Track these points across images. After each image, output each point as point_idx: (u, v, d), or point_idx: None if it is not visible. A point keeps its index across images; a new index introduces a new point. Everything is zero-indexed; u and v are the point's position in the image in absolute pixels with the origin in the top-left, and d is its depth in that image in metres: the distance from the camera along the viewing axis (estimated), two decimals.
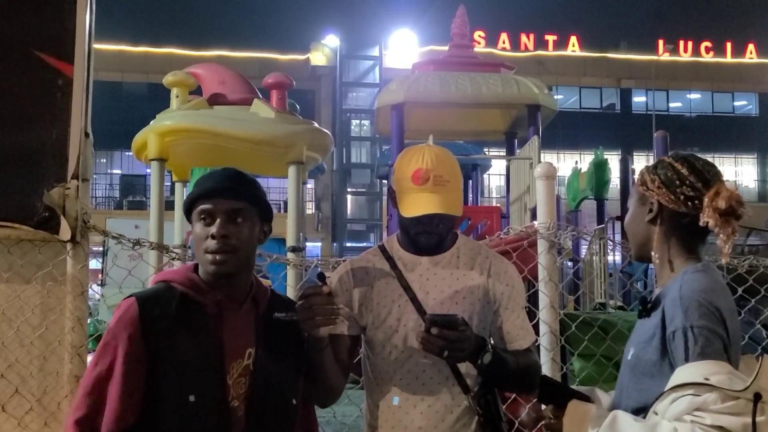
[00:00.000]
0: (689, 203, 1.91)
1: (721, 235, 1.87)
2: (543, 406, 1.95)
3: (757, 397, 1.62)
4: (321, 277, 2.06)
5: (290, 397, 2.10)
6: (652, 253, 2.00)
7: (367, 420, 2.32)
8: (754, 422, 1.61)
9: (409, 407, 2.20)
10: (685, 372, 1.71)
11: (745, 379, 1.65)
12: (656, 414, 1.72)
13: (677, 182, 1.93)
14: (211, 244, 1.98)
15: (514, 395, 3.33)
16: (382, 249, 2.35)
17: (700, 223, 1.88)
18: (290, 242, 5.71)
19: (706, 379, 1.65)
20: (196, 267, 2.07)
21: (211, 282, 2.02)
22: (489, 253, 2.37)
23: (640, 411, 1.83)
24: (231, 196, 2.02)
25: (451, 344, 2.01)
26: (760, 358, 1.68)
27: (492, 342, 2.24)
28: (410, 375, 2.21)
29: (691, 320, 1.78)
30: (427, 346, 2.02)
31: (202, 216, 2.00)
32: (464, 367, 2.19)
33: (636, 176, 2.07)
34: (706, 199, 1.88)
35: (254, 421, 2.00)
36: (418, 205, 2.15)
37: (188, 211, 2.05)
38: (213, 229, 1.98)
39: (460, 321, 2.03)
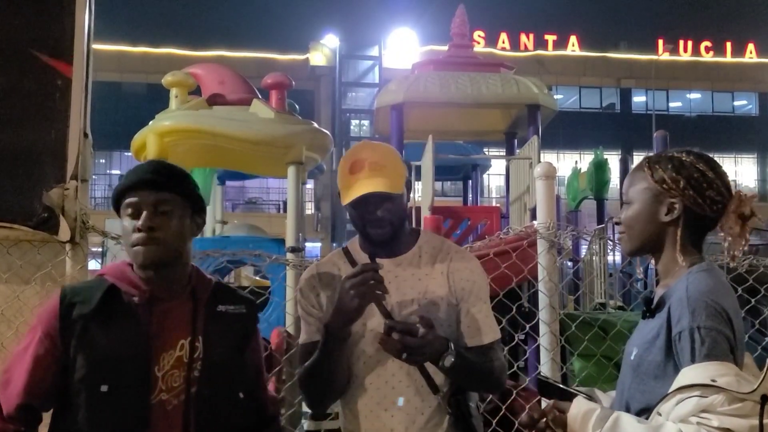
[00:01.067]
0: (714, 207, 1.91)
1: (737, 239, 1.89)
2: (544, 402, 1.93)
3: (764, 399, 1.61)
4: (373, 257, 2.10)
5: (237, 390, 2.07)
6: (660, 253, 1.97)
7: (342, 424, 2.32)
8: (761, 424, 1.60)
9: (380, 410, 2.20)
10: (692, 373, 1.70)
11: (751, 381, 1.64)
12: (660, 415, 1.71)
13: (704, 185, 1.91)
14: (137, 236, 1.97)
15: (513, 395, 3.33)
16: (346, 252, 2.34)
17: (722, 228, 1.90)
18: (290, 242, 5.70)
19: (713, 380, 1.64)
20: (128, 263, 2.08)
21: (140, 274, 2.01)
22: (451, 248, 2.34)
23: (644, 412, 1.82)
24: (157, 188, 2.00)
25: (411, 349, 2.00)
26: None
27: (452, 343, 2.15)
28: (380, 378, 2.21)
29: (698, 321, 1.76)
30: (386, 348, 2.03)
31: (129, 209, 2.00)
32: (433, 367, 2.15)
33: (642, 170, 2.00)
34: (732, 205, 1.89)
35: (194, 414, 1.97)
36: (353, 190, 2.14)
37: (116, 205, 2.04)
38: (139, 222, 1.97)
39: (419, 327, 2.01)
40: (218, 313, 2.07)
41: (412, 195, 4.03)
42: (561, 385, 1.91)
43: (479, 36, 32.89)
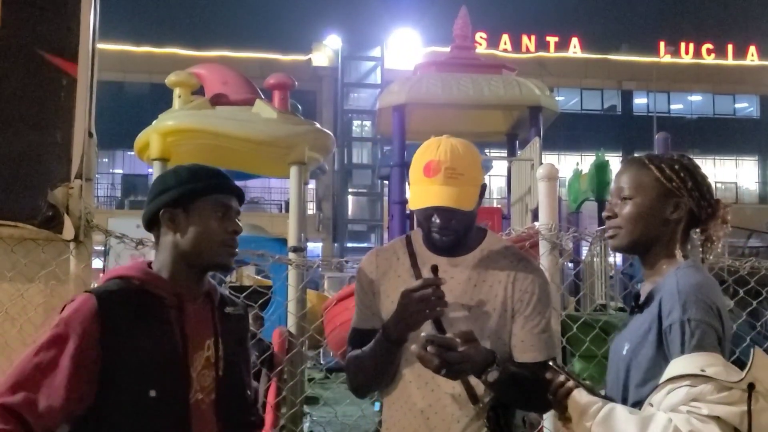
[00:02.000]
0: (707, 210, 2.01)
1: (718, 241, 2.02)
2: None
3: (751, 386, 1.67)
4: (435, 269, 2.03)
5: (247, 389, 2.14)
6: (650, 250, 2.02)
7: (383, 415, 2.28)
8: (749, 411, 1.65)
9: (416, 411, 2.15)
10: (681, 363, 1.74)
11: (738, 371, 1.70)
12: (651, 405, 1.75)
13: (705, 189, 2.01)
14: (232, 238, 2.03)
15: None
16: (408, 242, 2.26)
17: (709, 231, 2.01)
18: (292, 242, 5.71)
19: (702, 370, 1.69)
20: (149, 263, 2.07)
21: (177, 275, 2.02)
22: (516, 256, 2.23)
23: (637, 405, 1.85)
24: (240, 198, 2.09)
25: (449, 365, 1.91)
26: (752, 350, 1.72)
27: (498, 357, 2.05)
28: (420, 379, 2.14)
29: (688, 313, 1.81)
30: (423, 361, 1.93)
31: (221, 210, 2.02)
32: (474, 378, 2.06)
33: (645, 167, 2.02)
34: (721, 211, 2.00)
35: (220, 413, 2.01)
36: (424, 197, 2.06)
37: (191, 198, 2.02)
38: (236, 226, 2.03)
39: (459, 342, 1.92)
40: (226, 314, 2.11)
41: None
42: (569, 374, 1.92)
43: (481, 37, 32.91)
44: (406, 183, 2.23)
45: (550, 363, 1.94)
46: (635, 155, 2.13)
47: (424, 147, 2.12)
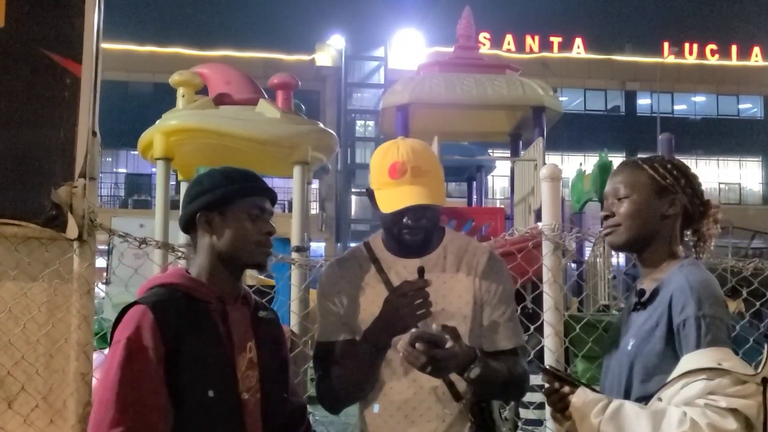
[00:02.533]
0: (700, 209, 2.07)
1: (711, 239, 2.09)
2: (546, 385, 1.94)
3: (765, 381, 1.72)
4: (421, 271, 2.04)
5: (284, 389, 2.17)
6: (649, 247, 2.06)
7: (360, 427, 2.28)
8: (765, 403, 1.70)
9: (400, 416, 2.15)
10: (695, 358, 1.78)
11: (749, 366, 1.77)
12: (660, 400, 1.77)
13: (696, 187, 2.07)
14: (267, 239, 2.09)
15: None
16: (368, 248, 2.26)
17: (702, 229, 2.07)
18: (295, 242, 5.71)
19: (719, 364, 1.73)
20: (186, 270, 2.13)
21: (216, 277, 2.07)
22: (477, 249, 2.26)
23: (642, 400, 1.87)
24: (272, 199, 2.15)
25: (437, 362, 1.92)
26: (767, 345, 1.77)
27: (479, 353, 2.08)
28: (401, 383, 2.15)
29: (704, 309, 1.85)
30: (410, 360, 1.93)
31: (256, 211, 2.07)
32: (456, 375, 2.08)
33: (639, 168, 2.08)
34: (712, 210, 2.07)
35: (264, 414, 2.05)
36: (397, 198, 2.08)
37: (226, 201, 2.06)
38: (269, 227, 2.10)
39: (447, 338, 1.92)
40: (260, 318, 2.16)
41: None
42: (566, 376, 1.93)
43: (485, 38, 32.86)
44: (367, 189, 2.23)
45: (548, 367, 1.95)
46: (626, 159, 2.18)
47: (383, 151, 2.15)
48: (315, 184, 30.48)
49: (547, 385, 1.93)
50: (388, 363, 2.15)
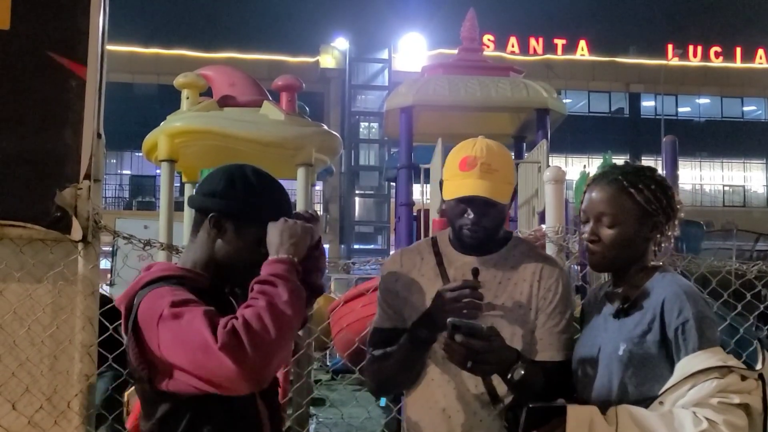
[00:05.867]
0: (673, 223, 2.11)
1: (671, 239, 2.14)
2: None
3: (761, 377, 1.81)
4: (476, 272, 2.05)
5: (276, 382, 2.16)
6: (631, 264, 2.08)
7: (404, 413, 2.30)
8: (764, 399, 1.78)
9: (438, 409, 2.16)
10: (701, 359, 1.81)
11: (740, 364, 1.84)
12: (662, 404, 1.80)
13: (673, 200, 2.09)
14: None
15: None
16: (433, 242, 2.28)
17: (669, 233, 2.10)
18: None
19: (725, 363, 1.79)
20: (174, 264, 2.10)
21: (208, 270, 2.03)
22: (541, 257, 2.27)
23: (638, 404, 1.89)
24: None
25: (475, 355, 1.89)
26: (760, 345, 1.91)
27: (524, 355, 2.05)
28: (442, 377, 2.16)
29: (702, 312, 1.91)
30: (449, 354, 1.92)
31: (265, 235, 2.01)
32: (497, 377, 2.05)
33: (623, 191, 2.07)
34: (680, 213, 2.12)
35: (267, 403, 2.03)
36: (460, 188, 2.09)
37: (246, 220, 1.99)
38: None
39: (486, 330, 1.91)
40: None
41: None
42: (549, 404, 1.89)
43: (489, 40, 32.90)
44: (439, 181, 2.22)
45: (530, 406, 1.85)
46: (608, 173, 2.14)
47: (460, 145, 2.18)
48: (319, 186, 30.53)
49: None
50: (435, 360, 2.15)
